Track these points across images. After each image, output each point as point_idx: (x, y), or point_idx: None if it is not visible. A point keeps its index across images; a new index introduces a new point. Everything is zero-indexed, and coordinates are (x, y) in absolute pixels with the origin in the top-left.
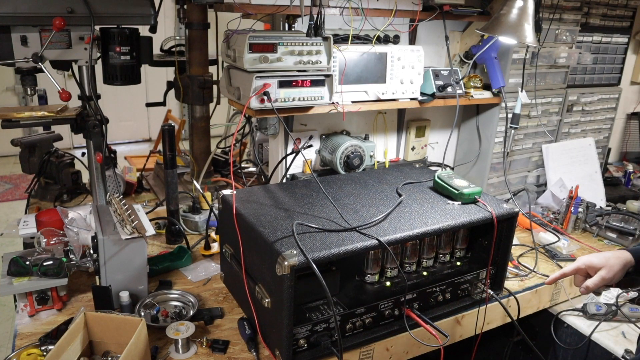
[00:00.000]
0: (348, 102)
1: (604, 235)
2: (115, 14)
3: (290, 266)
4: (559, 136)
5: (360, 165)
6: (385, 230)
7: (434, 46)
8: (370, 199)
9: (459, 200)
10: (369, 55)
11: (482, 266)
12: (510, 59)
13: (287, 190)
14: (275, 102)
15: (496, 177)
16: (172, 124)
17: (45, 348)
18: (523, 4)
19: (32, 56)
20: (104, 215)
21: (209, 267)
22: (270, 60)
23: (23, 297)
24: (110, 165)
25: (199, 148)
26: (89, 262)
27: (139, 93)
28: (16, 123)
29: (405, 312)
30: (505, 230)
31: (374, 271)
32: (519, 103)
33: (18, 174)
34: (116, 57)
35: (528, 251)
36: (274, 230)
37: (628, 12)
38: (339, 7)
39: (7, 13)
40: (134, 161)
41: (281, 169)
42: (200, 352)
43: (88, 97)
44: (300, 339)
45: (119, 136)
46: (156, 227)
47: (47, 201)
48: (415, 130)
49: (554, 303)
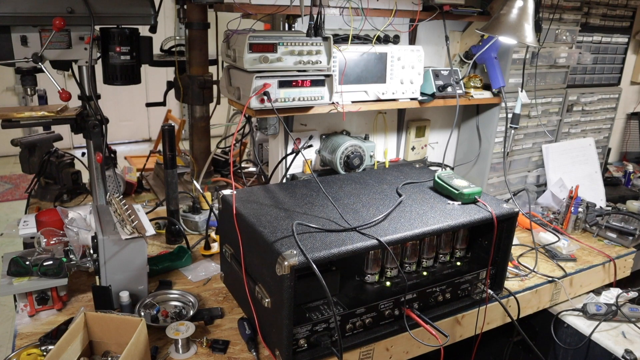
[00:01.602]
0: (348, 102)
1: (604, 235)
2: (115, 14)
3: (290, 266)
4: (559, 136)
5: (360, 165)
6: (385, 230)
7: (434, 46)
8: (370, 199)
9: (459, 200)
10: (369, 55)
11: (482, 266)
12: (510, 59)
13: (287, 190)
14: (275, 102)
15: (496, 177)
16: (172, 124)
17: (45, 348)
18: (523, 4)
19: (32, 56)
20: (104, 215)
21: (209, 267)
22: (270, 60)
23: (23, 297)
24: (110, 165)
25: (199, 148)
26: (89, 262)
27: (139, 93)
28: (16, 123)
29: (405, 312)
30: (505, 230)
31: (374, 271)
32: (519, 103)
33: (18, 174)
34: (116, 57)
35: (528, 251)
36: (274, 230)
37: (628, 12)
38: (339, 7)
39: (7, 13)
40: (134, 161)
41: (281, 169)
42: (200, 352)
43: (88, 97)
44: (300, 339)
45: (119, 136)
46: (156, 227)
47: (47, 201)
48: (415, 130)
49: (554, 303)
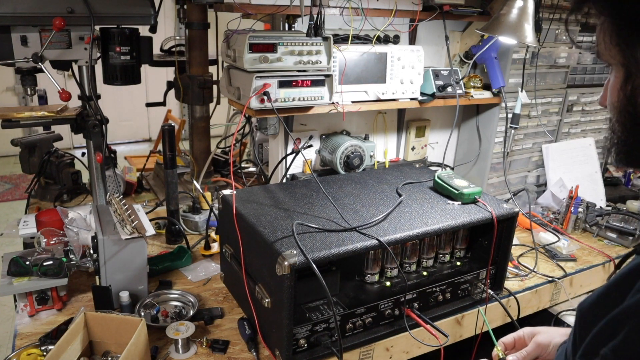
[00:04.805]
0: (348, 102)
1: (604, 235)
2: (115, 14)
3: (290, 266)
4: (559, 136)
5: (360, 165)
6: (385, 230)
7: (434, 46)
8: (370, 199)
9: (459, 200)
10: (369, 55)
11: (482, 266)
12: (510, 59)
13: (287, 190)
14: (275, 102)
15: (496, 177)
16: (172, 124)
17: (45, 348)
18: (523, 4)
19: (32, 56)
20: (104, 215)
21: (209, 267)
22: (270, 60)
23: (23, 297)
24: (110, 165)
25: (199, 148)
26: (89, 262)
27: (139, 93)
28: (16, 123)
29: (405, 312)
30: (505, 230)
31: (374, 271)
32: (519, 103)
33: (18, 174)
34: (116, 57)
35: (528, 251)
36: (274, 230)
37: None
38: (339, 7)
39: (7, 13)
40: (134, 161)
41: (281, 169)
42: (200, 352)
43: (88, 97)
44: (300, 339)
45: (119, 136)
46: (156, 227)
47: (47, 201)
48: (415, 130)
49: (554, 303)
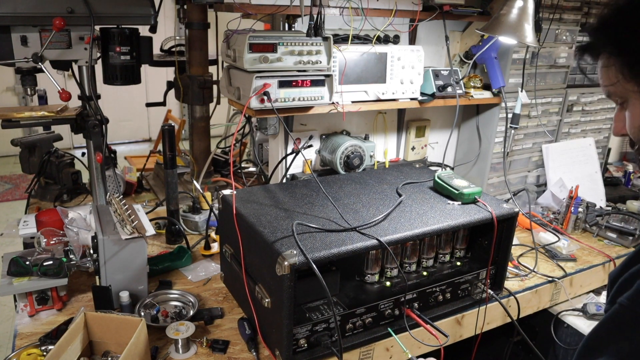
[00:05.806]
0: (348, 102)
1: (604, 235)
2: (115, 14)
3: (290, 266)
4: (559, 136)
5: (360, 165)
6: (385, 230)
7: (434, 46)
8: (370, 199)
9: (459, 200)
10: (369, 55)
11: (482, 266)
12: (510, 59)
13: (287, 190)
14: (275, 102)
15: (496, 177)
16: (172, 124)
17: (45, 348)
18: (523, 4)
19: (32, 56)
20: (104, 215)
21: (209, 267)
22: (270, 60)
23: (23, 297)
24: (110, 165)
25: (199, 148)
26: (89, 262)
27: (139, 93)
28: (16, 123)
29: (405, 312)
30: (505, 230)
31: (374, 271)
32: (519, 103)
33: (18, 174)
34: (116, 57)
35: (528, 251)
36: (274, 230)
37: None
38: (339, 7)
39: (7, 13)
40: (134, 161)
41: (281, 169)
42: (200, 352)
43: (88, 97)
44: (300, 339)
45: (119, 136)
46: (156, 227)
47: (47, 201)
48: (415, 130)
49: (554, 303)
